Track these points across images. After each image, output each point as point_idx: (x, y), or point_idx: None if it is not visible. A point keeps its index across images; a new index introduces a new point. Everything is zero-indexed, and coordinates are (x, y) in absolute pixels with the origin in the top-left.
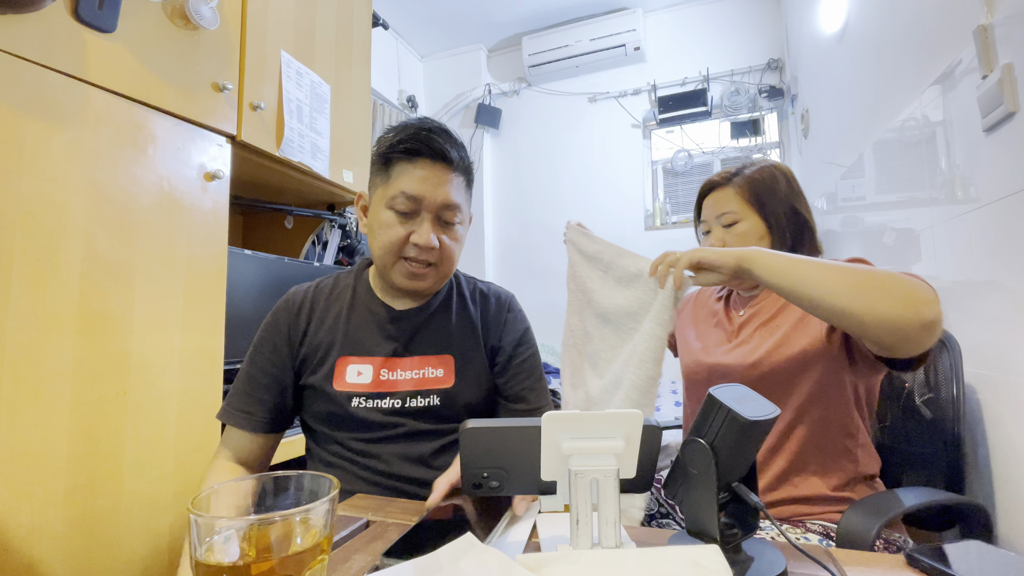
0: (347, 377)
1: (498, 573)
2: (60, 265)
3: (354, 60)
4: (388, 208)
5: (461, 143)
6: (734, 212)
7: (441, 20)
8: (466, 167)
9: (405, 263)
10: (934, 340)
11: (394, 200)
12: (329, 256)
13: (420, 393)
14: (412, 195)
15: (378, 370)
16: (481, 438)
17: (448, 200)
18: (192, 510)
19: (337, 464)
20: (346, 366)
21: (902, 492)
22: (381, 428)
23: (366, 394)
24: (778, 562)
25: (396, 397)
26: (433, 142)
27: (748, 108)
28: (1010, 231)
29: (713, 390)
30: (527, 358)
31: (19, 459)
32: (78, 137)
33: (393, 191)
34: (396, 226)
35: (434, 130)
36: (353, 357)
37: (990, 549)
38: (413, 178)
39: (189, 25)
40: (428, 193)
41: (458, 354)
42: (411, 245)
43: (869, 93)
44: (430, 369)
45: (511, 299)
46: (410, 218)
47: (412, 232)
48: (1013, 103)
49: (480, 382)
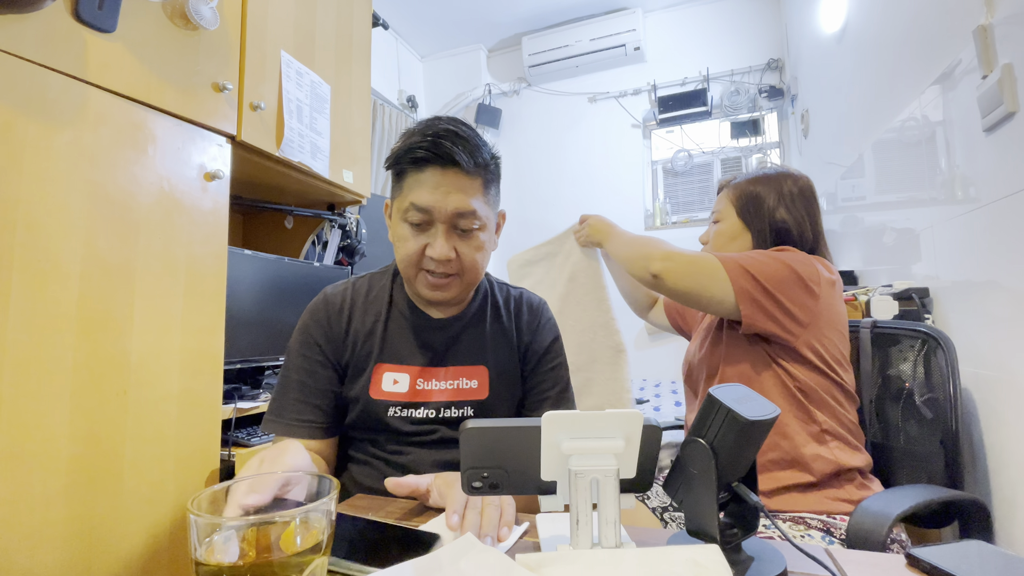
0: (383, 385)
1: (498, 573)
2: (60, 265)
3: (354, 60)
4: (403, 221)
5: (476, 142)
6: (720, 212)
7: (441, 20)
8: (482, 166)
9: (426, 275)
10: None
11: (407, 213)
12: (329, 256)
13: (454, 404)
14: (421, 206)
15: (414, 380)
16: (481, 438)
17: (461, 207)
18: (192, 510)
19: (368, 462)
20: (383, 374)
21: (905, 490)
22: (415, 435)
23: (402, 403)
24: (778, 562)
25: (431, 407)
26: (440, 147)
27: (748, 108)
28: (1010, 231)
29: (713, 390)
30: (554, 367)
31: (19, 459)
32: (78, 137)
33: (405, 203)
34: (411, 239)
35: (441, 133)
36: (390, 365)
37: (990, 549)
38: (422, 188)
39: (189, 25)
40: (438, 203)
41: (492, 365)
42: (428, 258)
43: (869, 93)
44: (464, 380)
45: (543, 306)
46: (424, 230)
47: (427, 244)
48: (1013, 103)
49: (513, 393)
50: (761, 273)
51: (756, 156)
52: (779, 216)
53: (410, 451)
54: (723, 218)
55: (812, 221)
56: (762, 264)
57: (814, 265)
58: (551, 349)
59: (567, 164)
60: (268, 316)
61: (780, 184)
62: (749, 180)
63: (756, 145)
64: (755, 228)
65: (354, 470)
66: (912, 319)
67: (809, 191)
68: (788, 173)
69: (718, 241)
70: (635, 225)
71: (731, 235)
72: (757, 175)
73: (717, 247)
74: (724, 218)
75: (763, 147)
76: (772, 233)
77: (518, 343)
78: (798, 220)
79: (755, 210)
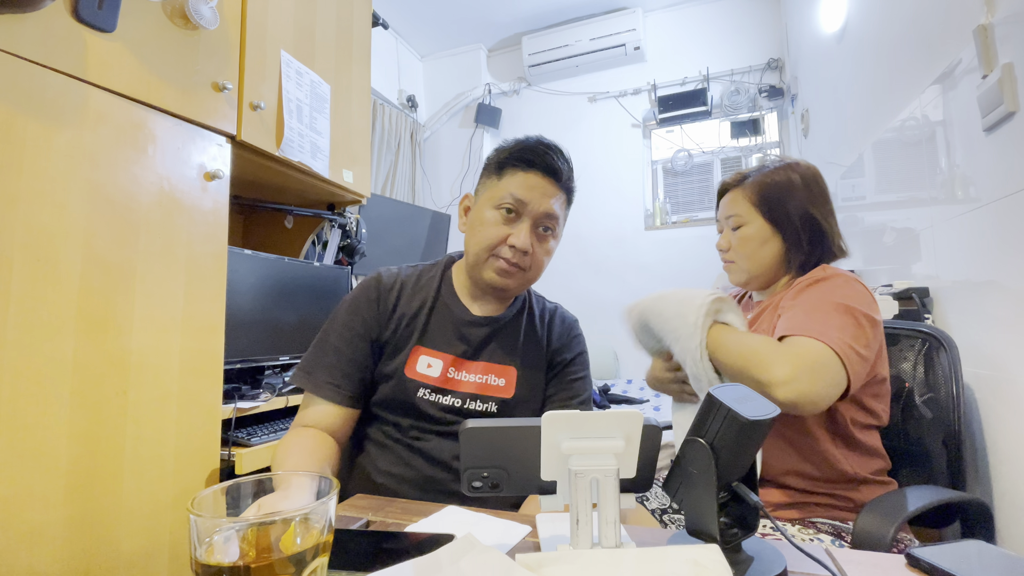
0: (418, 367)
1: (498, 573)
2: (60, 265)
3: (354, 60)
4: (494, 208)
5: (571, 165)
6: (740, 215)
7: (441, 20)
8: (571, 187)
9: (498, 260)
10: (805, 412)
11: (502, 200)
12: (329, 256)
13: (480, 397)
14: (520, 198)
15: (447, 367)
16: (481, 438)
17: (550, 210)
18: (192, 510)
19: (388, 446)
20: (419, 356)
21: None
22: (438, 422)
23: (432, 387)
24: (778, 562)
25: (458, 397)
26: (548, 157)
27: (748, 108)
28: (1010, 231)
29: (713, 390)
30: (578, 379)
31: (19, 459)
32: (78, 137)
33: (502, 192)
34: (499, 225)
35: (551, 147)
36: (427, 349)
37: (991, 549)
38: (523, 184)
39: (189, 25)
40: (534, 200)
41: (521, 367)
42: (507, 246)
43: (869, 93)
44: (493, 376)
45: (575, 322)
46: (512, 221)
47: (510, 234)
48: (1013, 103)
49: (536, 397)
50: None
51: (756, 156)
52: (809, 213)
53: (431, 439)
54: (746, 221)
55: (832, 211)
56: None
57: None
58: (576, 361)
59: None
60: (268, 316)
61: (797, 177)
62: (764, 176)
63: (756, 145)
64: (787, 229)
65: (373, 452)
66: (912, 319)
67: (822, 179)
68: (796, 163)
69: (747, 247)
70: (635, 225)
71: (761, 239)
72: (769, 170)
73: (747, 254)
74: (748, 221)
75: (763, 147)
76: (806, 232)
77: (547, 351)
78: (824, 214)
79: (781, 209)
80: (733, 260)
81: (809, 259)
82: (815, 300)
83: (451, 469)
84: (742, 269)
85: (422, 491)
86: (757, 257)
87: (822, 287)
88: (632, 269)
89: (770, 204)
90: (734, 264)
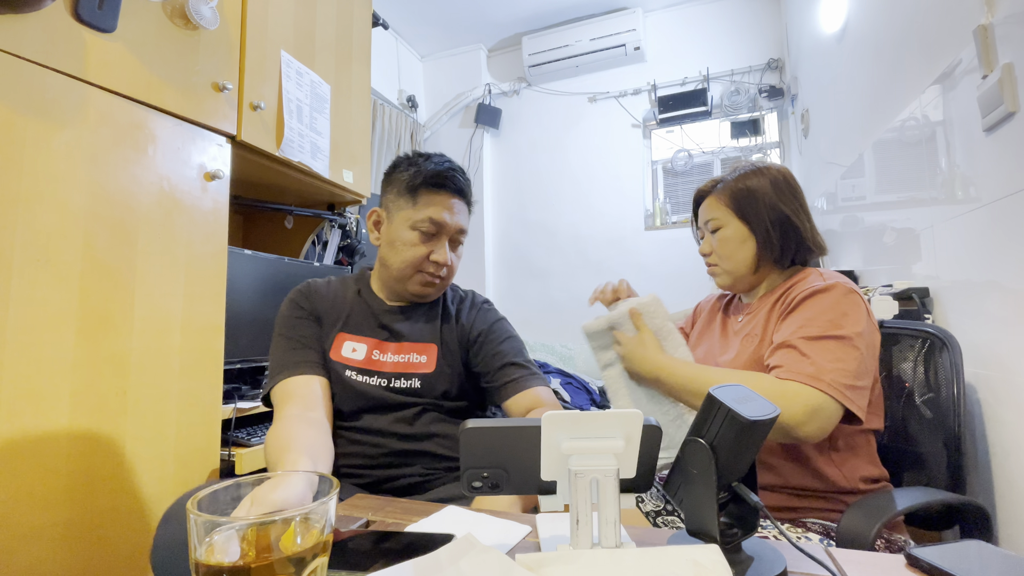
0: (343, 351)
1: (498, 573)
2: (60, 265)
3: (354, 60)
4: (413, 229)
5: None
6: (718, 218)
7: (441, 20)
8: (472, 201)
9: (423, 275)
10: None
11: (420, 223)
12: (329, 256)
13: (403, 375)
14: (438, 221)
15: (371, 350)
16: (481, 438)
17: (461, 226)
18: (192, 510)
19: (341, 435)
20: (343, 342)
21: (901, 492)
22: (369, 399)
23: (357, 369)
24: (778, 562)
25: (383, 376)
26: (456, 180)
27: (748, 108)
28: (1010, 231)
29: (713, 390)
30: (505, 339)
31: (19, 459)
32: (78, 137)
33: (420, 216)
34: (419, 245)
35: (456, 169)
36: (350, 335)
37: (990, 549)
38: (440, 207)
39: (189, 25)
40: (449, 220)
41: (441, 343)
42: (430, 262)
43: (869, 93)
44: (415, 355)
45: (484, 300)
46: (431, 240)
47: (431, 252)
48: (1013, 103)
49: (456, 370)
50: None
51: (756, 156)
52: (778, 209)
53: (366, 417)
54: (724, 223)
55: (804, 208)
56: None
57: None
58: (494, 328)
59: (567, 164)
60: (268, 316)
61: (766, 177)
62: (735, 180)
63: (756, 145)
64: (758, 227)
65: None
66: (912, 319)
67: (792, 179)
68: (766, 166)
69: (726, 248)
70: (635, 225)
71: (739, 239)
72: (739, 174)
73: (727, 254)
74: (725, 223)
75: (763, 147)
76: (776, 228)
77: (461, 329)
78: (794, 210)
79: (753, 207)
80: (716, 263)
81: (784, 256)
82: (812, 327)
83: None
84: (725, 271)
85: (387, 467)
86: (737, 257)
87: (820, 302)
88: (632, 269)
89: (741, 204)
90: (717, 267)
